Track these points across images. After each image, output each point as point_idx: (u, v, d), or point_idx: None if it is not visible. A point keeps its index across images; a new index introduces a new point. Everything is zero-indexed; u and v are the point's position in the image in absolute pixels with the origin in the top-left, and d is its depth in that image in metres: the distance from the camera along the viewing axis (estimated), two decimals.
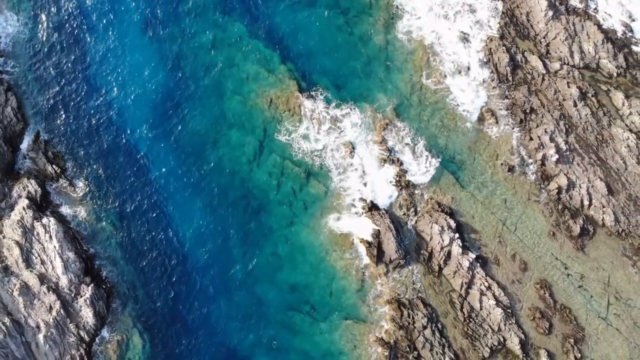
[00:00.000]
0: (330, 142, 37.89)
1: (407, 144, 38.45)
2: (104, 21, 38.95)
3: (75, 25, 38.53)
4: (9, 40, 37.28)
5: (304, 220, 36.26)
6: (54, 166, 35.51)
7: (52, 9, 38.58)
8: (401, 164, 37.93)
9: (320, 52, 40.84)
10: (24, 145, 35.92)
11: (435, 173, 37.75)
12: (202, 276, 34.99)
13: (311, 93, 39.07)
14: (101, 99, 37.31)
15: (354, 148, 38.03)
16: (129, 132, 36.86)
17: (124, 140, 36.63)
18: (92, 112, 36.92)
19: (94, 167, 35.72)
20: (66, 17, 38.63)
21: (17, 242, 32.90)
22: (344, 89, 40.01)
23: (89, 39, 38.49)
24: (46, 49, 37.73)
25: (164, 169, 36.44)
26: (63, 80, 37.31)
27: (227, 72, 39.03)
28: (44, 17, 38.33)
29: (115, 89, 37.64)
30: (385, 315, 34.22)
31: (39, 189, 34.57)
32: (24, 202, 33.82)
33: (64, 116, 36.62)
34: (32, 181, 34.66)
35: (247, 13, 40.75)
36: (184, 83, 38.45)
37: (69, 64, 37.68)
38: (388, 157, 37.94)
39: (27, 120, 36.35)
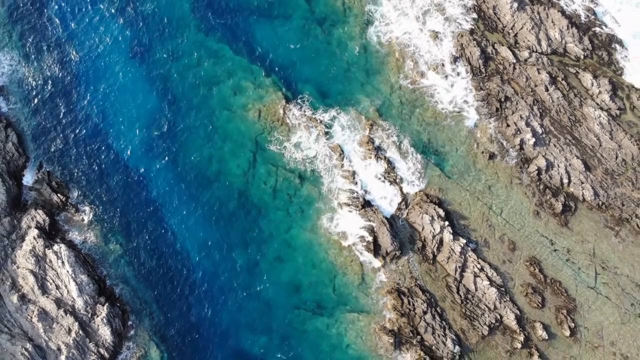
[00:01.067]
0: (319, 147, 39.78)
1: (392, 141, 40.44)
2: (95, 53, 40.65)
3: (67, 59, 40.24)
4: (5, 78, 38.93)
5: (301, 223, 38.11)
6: (59, 195, 37.13)
7: (44, 45, 40.26)
8: (389, 161, 39.92)
9: (301, 62, 42.70)
10: (28, 177, 37.54)
11: (421, 167, 39.83)
12: (211, 286, 36.67)
13: (297, 101, 40.97)
14: (98, 127, 39.02)
15: (342, 150, 39.94)
16: (128, 156, 38.55)
17: (124, 165, 38.34)
18: (90, 140, 38.60)
19: (98, 192, 37.39)
20: (58, 52, 40.32)
21: (31, 271, 34.50)
22: (328, 95, 41.90)
23: (81, 70, 40.16)
24: (41, 84, 39.40)
25: (164, 188, 38.16)
26: (59, 112, 38.98)
27: (215, 90, 40.84)
28: (36, 54, 39.98)
29: (110, 116, 39.36)
30: (387, 304, 36.14)
31: (47, 218, 36.17)
32: (34, 232, 35.41)
33: (63, 147, 38.27)
34: (40, 211, 36.26)
35: (229, 32, 42.59)
36: (175, 104, 40.22)
37: (64, 97, 39.35)
38: (376, 155, 39.88)
39: (29, 154, 37.95)
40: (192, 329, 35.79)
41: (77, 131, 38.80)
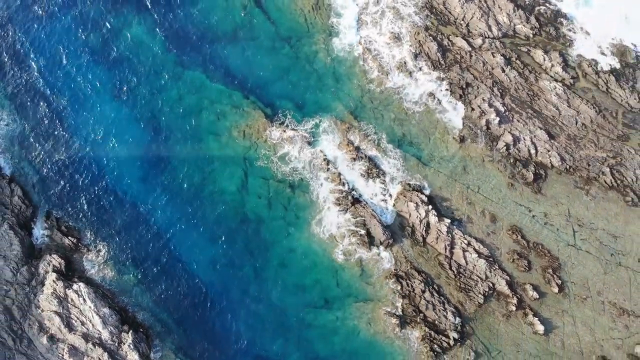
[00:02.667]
0: (304, 156, 42.70)
1: (370, 140, 43.53)
2: (82, 100, 43.17)
3: (57, 110, 42.73)
4: (1, 139, 41.40)
5: (298, 228, 40.93)
6: (69, 238, 39.56)
7: (34, 100, 42.73)
8: (370, 159, 42.97)
9: (275, 79, 45.57)
10: (38, 226, 39.92)
11: (400, 159, 43.00)
12: (224, 299, 39.21)
13: (278, 116, 43.85)
14: (96, 169, 41.52)
15: (326, 155, 42.90)
16: (129, 191, 41.07)
17: (127, 200, 40.84)
18: (91, 182, 41.08)
19: (107, 230, 39.87)
20: (48, 105, 42.82)
21: (56, 312, 36.86)
22: (305, 106, 44.81)
23: (71, 117, 42.64)
24: (36, 137, 41.85)
25: (168, 215, 40.69)
26: (58, 160, 41.42)
27: (200, 118, 43.57)
28: (28, 109, 42.47)
29: (106, 156, 41.87)
30: (388, 289, 39.12)
31: (62, 260, 38.57)
32: (52, 275, 37.79)
33: (66, 192, 40.71)
34: (54, 256, 38.67)
35: (204, 62, 45.37)
36: (165, 137, 42.84)
37: (60, 145, 41.82)
38: (357, 155, 42.89)
39: (36, 204, 40.32)
40: (213, 341, 38.25)
41: (77, 176, 41.28)
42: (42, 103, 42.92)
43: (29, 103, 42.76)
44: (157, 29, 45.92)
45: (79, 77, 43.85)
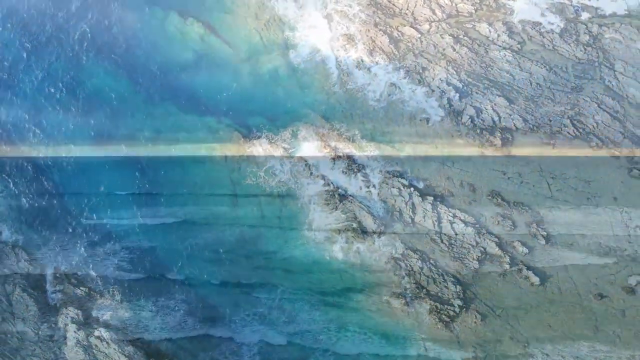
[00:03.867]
0: (287, 165, 44.90)
1: (345, 138, 45.88)
2: (69, 155, 45.00)
3: (45, 169, 44.51)
4: None
5: (295, 234, 42.95)
6: (81, 288, 41.28)
7: (21, 164, 44.49)
8: (348, 156, 45.32)
9: (244, 99, 47.65)
10: (49, 283, 41.58)
11: (375, 151, 45.45)
12: (236, 314, 40.88)
13: (255, 133, 46.04)
14: (93, 217, 43.29)
15: (306, 161, 45.15)
16: (127, 233, 42.86)
17: (128, 240, 42.63)
18: (90, 232, 42.78)
19: (114, 273, 41.57)
20: (35, 165, 44.56)
21: None
22: (277, 119, 46.94)
23: (55, 169, 44.50)
24: (26, 198, 43.51)
25: (169, 250, 42.56)
26: (55, 217, 43.10)
27: (179, 149, 45.45)
28: (18, 173, 44.20)
29: (100, 204, 43.71)
30: (389, 273, 41.43)
31: (79, 311, 40.29)
32: (72, 327, 39.48)
33: (69, 246, 42.37)
34: (70, 308, 40.35)
35: (172, 96, 47.30)
36: (148, 171, 44.66)
37: (54, 202, 43.55)
38: (336, 155, 45.21)
39: (42, 262, 41.99)
40: (234, 356, 40.20)
41: (73, 227, 42.97)
42: (30, 164, 44.60)
43: (19, 167, 44.42)
44: (123, 73, 47.85)
45: (62, 134, 45.70)
